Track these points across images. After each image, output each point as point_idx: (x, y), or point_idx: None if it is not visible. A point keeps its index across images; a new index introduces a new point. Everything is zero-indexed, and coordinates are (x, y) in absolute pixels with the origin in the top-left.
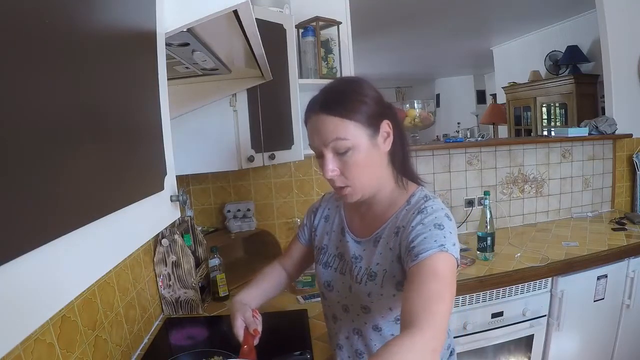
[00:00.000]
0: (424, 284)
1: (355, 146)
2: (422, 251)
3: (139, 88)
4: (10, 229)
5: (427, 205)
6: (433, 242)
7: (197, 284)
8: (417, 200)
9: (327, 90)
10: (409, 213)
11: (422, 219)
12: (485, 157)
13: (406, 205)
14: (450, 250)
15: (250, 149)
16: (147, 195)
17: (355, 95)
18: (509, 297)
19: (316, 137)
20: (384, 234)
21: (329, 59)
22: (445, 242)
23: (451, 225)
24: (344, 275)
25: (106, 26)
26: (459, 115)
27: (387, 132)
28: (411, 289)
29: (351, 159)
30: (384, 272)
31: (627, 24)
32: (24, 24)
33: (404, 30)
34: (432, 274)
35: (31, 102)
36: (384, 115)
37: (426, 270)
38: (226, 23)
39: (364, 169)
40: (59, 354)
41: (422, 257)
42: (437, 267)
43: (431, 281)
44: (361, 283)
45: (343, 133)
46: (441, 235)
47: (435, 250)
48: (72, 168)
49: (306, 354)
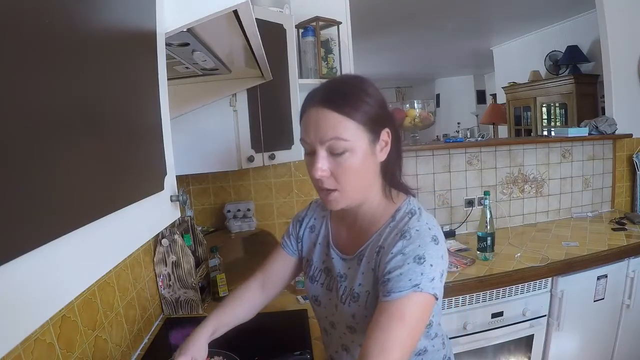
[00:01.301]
0: (387, 328)
1: (354, 149)
2: (394, 289)
3: (139, 88)
4: (10, 229)
5: (410, 227)
6: (407, 282)
7: (197, 284)
8: (402, 217)
9: (331, 83)
10: (392, 232)
11: (404, 247)
12: (485, 157)
13: (390, 222)
14: (425, 289)
15: (250, 149)
16: (147, 195)
17: (361, 94)
18: (509, 297)
19: (312, 132)
20: (366, 252)
21: (329, 59)
22: (421, 281)
23: (437, 251)
24: (330, 291)
25: (106, 26)
26: (459, 115)
27: (386, 142)
28: (375, 328)
29: (346, 161)
30: (366, 293)
31: (627, 24)
32: (24, 23)
33: (404, 30)
34: (398, 319)
35: (31, 101)
36: (386, 122)
37: (394, 312)
38: (226, 23)
39: (356, 174)
40: (59, 354)
41: (393, 296)
42: (404, 312)
43: (396, 327)
44: (345, 303)
45: (344, 133)
46: (419, 272)
47: (407, 292)
48: (72, 168)
49: (306, 354)
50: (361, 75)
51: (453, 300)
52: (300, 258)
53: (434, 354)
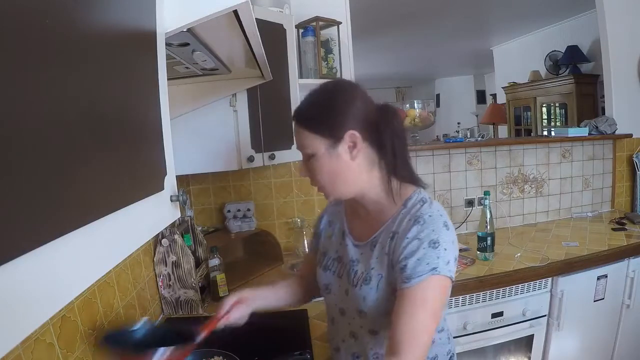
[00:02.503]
0: (413, 315)
1: (315, 154)
2: (414, 275)
3: (139, 88)
4: (10, 229)
5: (423, 213)
6: (425, 266)
7: (197, 284)
8: (414, 204)
9: (306, 100)
10: (405, 218)
11: (419, 232)
12: (485, 157)
13: (402, 209)
14: (443, 272)
15: (250, 149)
16: (147, 195)
17: (321, 110)
18: (509, 297)
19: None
20: (380, 238)
21: (329, 59)
22: (438, 264)
23: (448, 236)
24: (341, 278)
25: (106, 26)
26: (459, 115)
27: (354, 142)
28: (400, 315)
29: (312, 164)
30: (379, 276)
31: (627, 24)
32: (24, 24)
33: (404, 30)
34: (421, 304)
35: (30, 102)
36: (351, 125)
37: (416, 298)
38: (226, 23)
39: (325, 173)
40: (59, 354)
41: (414, 282)
42: (426, 296)
43: (419, 311)
44: (357, 287)
45: (304, 142)
46: (435, 255)
47: (427, 276)
48: (72, 168)
49: (306, 354)
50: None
51: (453, 300)
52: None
53: (440, 347)
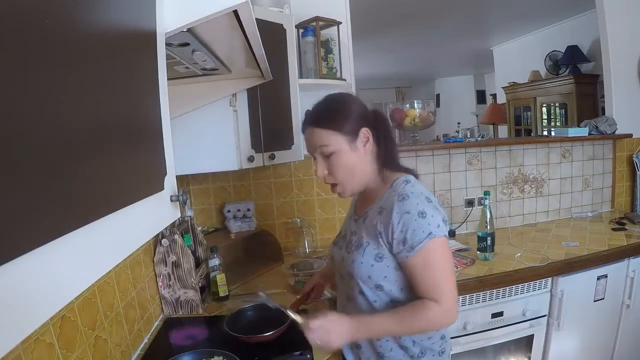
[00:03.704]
0: (427, 277)
1: (337, 150)
2: (415, 244)
3: (139, 88)
4: (11, 229)
5: (406, 190)
6: (421, 233)
7: (197, 284)
8: (398, 184)
9: (316, 107)
10: (391, 196)
11: (407, 207)
12: (485, 157)
13: (389, 189)
14: (437, 233)
15: (250, 149)
16: (147, 195)
17: (336, 111)
18: (509, 297)
19: (308, 145)
20: (370, 212)
21: (329, 59)
22: (431, 229)
23: (432, 206)
24: (341, 249)
25: (106, 26)
26: (459, 115)
27: (367, 137)
28: (418, 279)
29: (335, 160)
30: (366, 243)
31: (627, 24)
32: (24, 24)
33: (404, 30)
34: (429, 266)
35: (30, 102)
36: (363, 123)
37: (423, 262)
38: (226, 23)
39: (346, 168)
40: (59, 354)
41: (417, 249)
42: (431, 258)
43: (431, 270)
44: (350, 252)
45: (326, 141)
46: (425, 223)
47: (426, 241)
48: (72, 168)
49: (306, 354)
50: (342, 93)
51: None
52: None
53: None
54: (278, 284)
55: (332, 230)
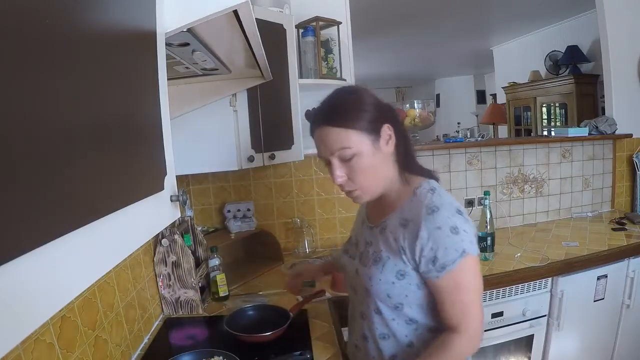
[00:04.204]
0: (456, 300)
1: (359, 152)
2: (447, 263)
3: (139, 88)
4: (11, 229)
5: (434, 201)
6: (454, 252)
7: (197, 284)
8: (423, 193)
9: (328, 103)
10: (416, 206)
11: (437, 222)
12: (485, 157)
13: (412, 197)
14: (470, 251)
15: (250, 149)
16: (147, 195)
17: (355, 105)
18: (509, 297)
19: (322, 147)
20: (389, 222)
21: (329, 59)
22: (464, 246)
23: (463, 220)
24: (354, 260)
25: (106, 26)
26: (459, 115)
27: (389, 135)
28: (445, 301)
29: (356, 164)
30: (386, 258)
31: (627, 24)
32: (24, 24)
33: (404, 30)
34: (460, 288)
35: (30, 102)
36: (384, 119)
37: (454, 284)
38: (226, 23)
39: (368, 171)
40: (59, 354)
41: (448, 269)
42: (462, 279)
43: (461, 293)
44: (366, 266)
45: (347, 142)
46: (459, 240)
47: (459, 260)
48: (72, 168)
49: (306, 354)
50: (354, 86)
51: None
52: None
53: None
54: (278, 284)
55: (332, 230)
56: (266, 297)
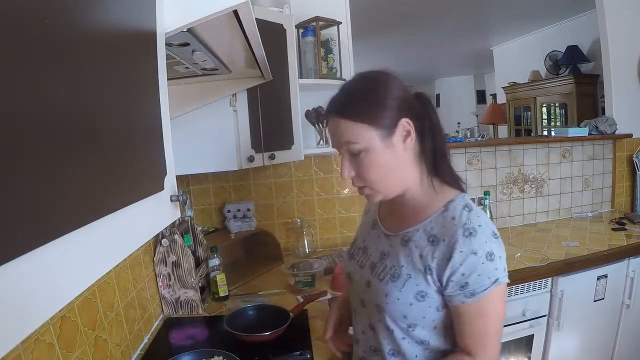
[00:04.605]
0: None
1: (369, 148)
2: (477, 290)
3: (139, 88)
4: (10, 229)
5: (472, 223)
6: (487, 280)
7: (197, 284)
8: (458, 210)
9: (343, 91)
10: (449, 224)
11: (474, 247)
12: (485, 157)
13: (443, 211)
14: (502, 280)
15: (250, 149)
16: (147, 195)
17: (371, 96)
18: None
19: (333, 139)
20: (414, 236)
21: (329, 59)
22: (498, 274)
23: (499, 245)
24: (363, 269)
25: (106, 26)
26: (459, 115)
27: (407, 131)
28: (465, 326)
29: (365, 160)
30: (407, 276)
31: (627, 24)
32: (24, 24)
33: (404, 30)
34: (485, 315)
35: (31, 102)
36: (403, 112)
37: (480, 310)
38: (226, 23)
39: (379, 169)
40: (59, 354)
41: (478, 296)
42: (489, 306)
43: (484, 320)
44: (382, 281)
45: (353, 136)
46: (493, 267)
47: (490, 288)
48: (72, 168)
49: (306, 354)
50: (378, 72)
51: None
52: None
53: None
54: (278, 284)
55: (332, 230)
56: (266, 297)
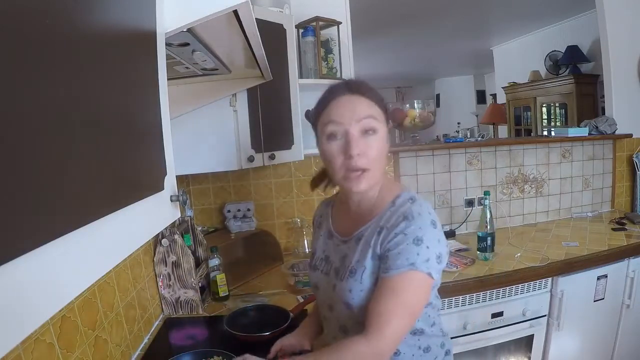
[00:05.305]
0: (383, 301)
1: (380, 130)
2: (392, 267)
3: (139, 88)
4: (10, 228)
5: (412, 210)
6: (404, 260)
7: (197, 284)
8: (403, 202)
9: (353, 80)
10: (394, 215)
11: (406, 228)
12: (485, 157)
13: (391, 207)
14: (420, 268)
15: (250, 149)
16: (147, 195)
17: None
18: (509, 297)
19: (348, 113)
20: (366, 232)
21: (329, 59)
22: (416, 260)
23: (434, 234)
24: (328, 275)
25: (106, 26)
26: (459, 115)
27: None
28: (373, 301)
29: (375, 142)
30: (363, 268)
31: (627, 24)
32: (24, 24)
33: (404, 30)
34: (393, 293)
35: (31, 102)
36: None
37: (390, 287)
38: (226, 23)
39: (381, 155)
40: (59, 354)
41: (391, 273)
42: (399, 287)
43: (390, 299)
44: (343, 280)
45: (376, 113)
46: (415, 251)
47: (403, 270)
48: (72, 168)
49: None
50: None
51: (453, 300)
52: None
53: (431, 337)
54: (278, 284)
55: None
56: (266, 297)
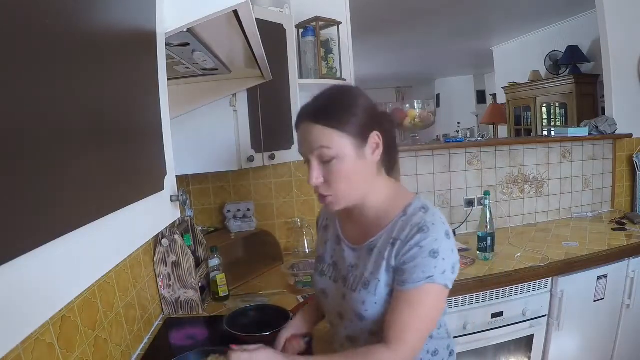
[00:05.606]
0: (403, 313)
1: (340, 156)
2: (409, 280)
3: (139, 88)
4: (10, 229)
5: (426, 221)
6: (421, 274)
7: (197, 284)
8: (415, 212)
9: (318, 99)
10: (407, 225)
11: (421, 240)
12: (485, 157)
13: (402, 216)
14: (438, 281)
15: (250, 149)
16: (147, 195)
17: (344, 106)
18: (509, 297)
19: (303, 144)
20: (379, 243)
21: (329, 59)
22: (435, 273)
23: (448, 245)
24: (337, 283)
25: (106, 26)
26: (459, 115)
27: (377, 144)
28: (391, 312)
29: (335, 167)
30: (377, 281)
31: (627, 24)
32: (24, 24)
33: (404, 30)
34: (412, 306)
35: (31, 102)
36: (374, 126)
37: (407, 300)
38: (226, 23)
39: (347, 178)
40: (59, 354)
41: (408, 286)
42: (418, 300)
43: (410, 312)
44: (355, 291)
45: (327, 142)
46: (432, 265)
47: (421, 284)
48: (72, 168)
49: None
50: (349, 86)
51: (453, 300)
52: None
53: (438, 340)
54: (278, 284)
55: None
56: (266, 297)
